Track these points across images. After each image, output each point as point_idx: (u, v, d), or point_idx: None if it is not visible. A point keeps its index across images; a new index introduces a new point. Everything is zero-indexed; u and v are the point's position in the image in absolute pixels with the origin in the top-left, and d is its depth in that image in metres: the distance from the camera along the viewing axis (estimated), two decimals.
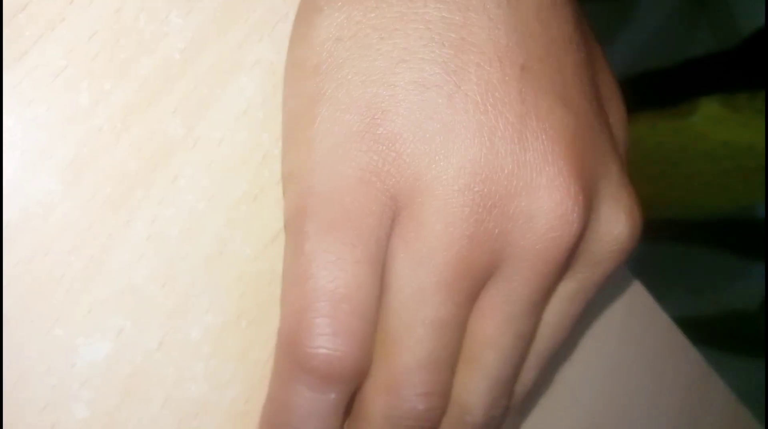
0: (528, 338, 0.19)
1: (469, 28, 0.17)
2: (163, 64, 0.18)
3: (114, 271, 0.17)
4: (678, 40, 0.68)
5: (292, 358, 0.17)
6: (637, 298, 0.31)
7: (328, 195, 0.17)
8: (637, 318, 0.31)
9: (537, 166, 0.17)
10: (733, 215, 0.70)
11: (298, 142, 0.18)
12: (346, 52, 0.18)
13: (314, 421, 0.18)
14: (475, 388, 0.19)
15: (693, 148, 0.57)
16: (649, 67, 0.64)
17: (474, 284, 0.18)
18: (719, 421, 0.34)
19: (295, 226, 0.18)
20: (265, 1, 0.20)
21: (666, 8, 0.66)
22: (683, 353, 0.33)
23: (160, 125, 0.18)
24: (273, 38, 0.20)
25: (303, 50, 0.18)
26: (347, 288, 0.17)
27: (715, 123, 0.55)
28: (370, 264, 0.17)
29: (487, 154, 0.17)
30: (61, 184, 0.17)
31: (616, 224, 0.19)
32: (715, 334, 0.73)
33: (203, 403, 0.18)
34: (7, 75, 0.16)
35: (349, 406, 0.19)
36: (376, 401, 0.18)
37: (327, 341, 0.17)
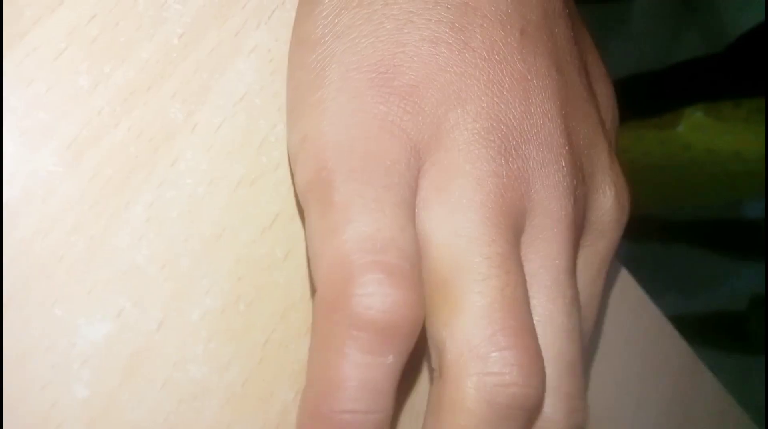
0: (574, 273, 0.19)
1: None
2: (162, 49, 0.18)
3: (114, 252, 0.17)
4: (667, 43, 0.68)
5: (339, 317, 0.15)
6: (626, 288, 0.31)
7: (351, 145, 0.16)
8: (626, 308, 0.31)
9: (539, 120, 0.18)
10: (721, 215, 0.71)
11: (308, 107, 0.18)
12: (351, 19, 0.18)
13: (368, 396, 0.15)
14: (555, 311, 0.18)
15: (679, 156, 0.57)
16: (639, 70, 0.64)
17: (514, 223, 0.17)
18: (708, 408, 0.34)
19: (317, 184, 0.16)
20: None
21: (657, 12, 0.67)
22: (672, 343, 0.33)
23: (160, 109, 0.18)
24: (270, 25, 0.20)
25: (307, 25, 0.18)
26: (391, 230, 0.16)
27: (699, 132, 0.55)
28: (408, 207, 0.16)
29: (499, 102, 0.18)
30: (61, 165, 0.16)
31: (606, 199, 0.20)
32: (704, 332, 0.73)
33: (203, 385, 0.18)
34: (8, 55, 0.16)
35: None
36: (458, 377, 0.16)
37: (380, 287, 0.15)
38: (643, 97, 0.63)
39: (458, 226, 0.17)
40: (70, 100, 0.17)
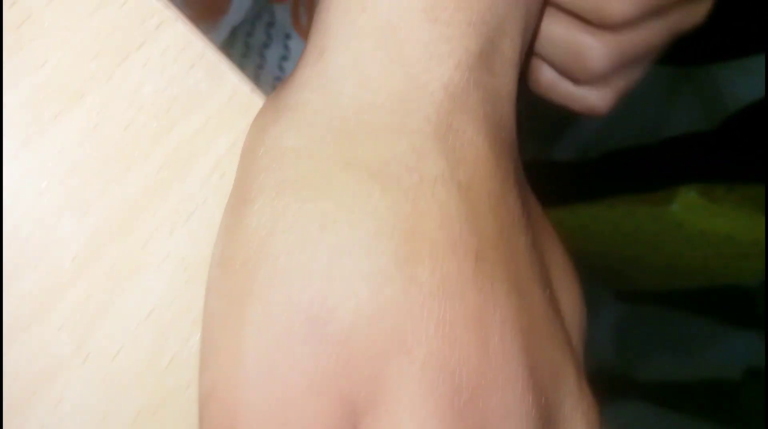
0: None
1: (419, 217, 0.15)
2: (49, 276, 0.15)
3: None
4: (662, 113, 0.65)
5: None
6: None
7: (266, 411, 0.14)
8: None
9: (499, 360, 0.15)
10: (716, 281, 0.68)
11: (221, 350, 0.15)
12: (281, 245, 0.15)
13: None
14: None
15: (672, 234, 0.54)
16: (633, 141, 0.61)
17: None
18: None
19: None
20: (179, 190, 0.17)
21: (652, 80, 0.63)
22: None
23: (43, 344, 0.15)
24: (188, 228, 0.17)
25: (229, 246, 0.15)
26: None
27: (693, 212, 0.52)
28: None
29: (451, 346, 0.15)
30: None
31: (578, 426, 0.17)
32: (698, 400, 0.71)
33: None
34: None
35: None
36: None
37: None
38: (636, 170, 0.60)
39: None
40: None
